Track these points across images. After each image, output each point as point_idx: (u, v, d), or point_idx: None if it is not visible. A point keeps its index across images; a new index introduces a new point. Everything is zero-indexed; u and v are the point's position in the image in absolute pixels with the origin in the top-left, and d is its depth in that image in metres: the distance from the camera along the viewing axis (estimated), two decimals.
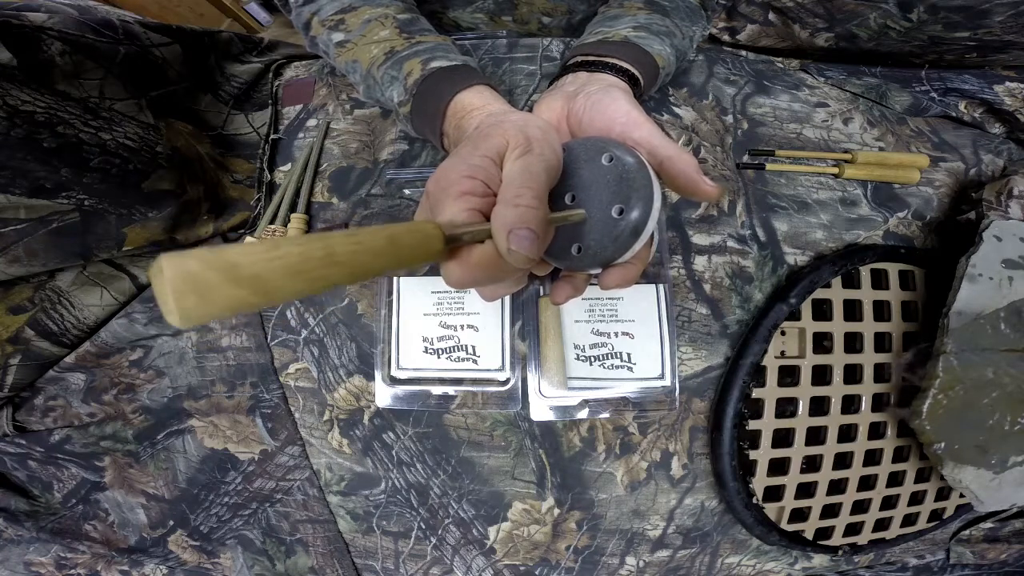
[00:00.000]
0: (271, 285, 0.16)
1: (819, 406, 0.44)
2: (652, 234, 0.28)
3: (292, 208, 0.47)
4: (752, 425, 0.43)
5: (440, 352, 0.43)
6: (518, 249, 0.22)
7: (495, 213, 0.24)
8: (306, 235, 0.18)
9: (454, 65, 0.37)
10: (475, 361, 0.43)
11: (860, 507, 0.46)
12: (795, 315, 0.44)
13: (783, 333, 0.44)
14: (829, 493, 0.44)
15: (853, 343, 0.45)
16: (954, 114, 0.50)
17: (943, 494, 0.47)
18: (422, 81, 0.36)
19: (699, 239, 0.46)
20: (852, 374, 0.45)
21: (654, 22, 0.41)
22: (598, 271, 0.30)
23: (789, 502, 0.44)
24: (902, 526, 0.47)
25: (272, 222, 0.46)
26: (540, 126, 0.29)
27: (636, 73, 0.37)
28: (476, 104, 0.35)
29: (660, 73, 0.40)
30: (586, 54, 0.38)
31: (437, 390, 0.43)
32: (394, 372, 0.43)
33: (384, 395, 0.43)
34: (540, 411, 0.43)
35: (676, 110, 0.48)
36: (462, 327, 0.43)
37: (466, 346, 0.43)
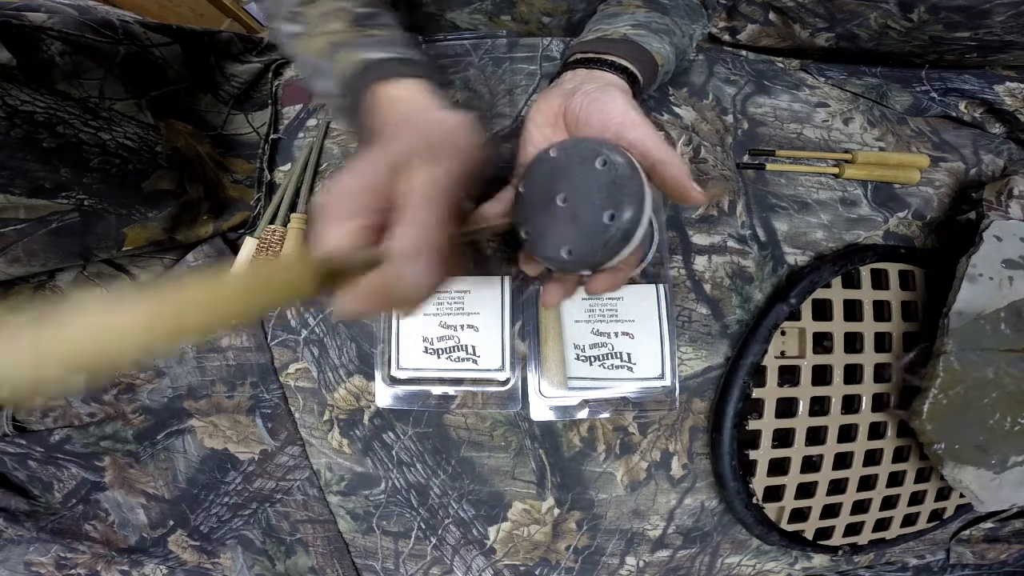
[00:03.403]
0: (113, 353, 0.16)
1: (819, 406, 0.44)
2: (647, 238, 0.28)
3: (292, 208, 0.47)
4: (752, 425, 0.43)
5: (440, 352, 0.43)
6: (415, 279, 0.20)
7: (393, 236, 0.21)
8: (150, 295, 0.17)
9: (393, 57, 0.34)
10: (475, 361, 0.43)
11: (860, 507, 0.46)
12: (795, 315, 0.44)
13: (783, 333, 0.44)
14: (829, 493, 0.44)
15: (853, 343, 0.45)
16: (954, 114, 0.50)
17: (943, 494, 0.47)
18: (356, 73, 0.34)
19: (699, 239, 0.46)
20: (852, 374, 0.45)
21: (653, 20, 0.41)
22: (588, 273, 0.30)
23: (789, 502, 0.44)
24: (902, 526, 0.47)
25: (272, 222, 0.46)
26: (453, 127, 0.26)
27: (635, 71, 0.37)
28: (401, 96, 0.31)
29: (659, 71, 0.40)
30: (585, 51, 0.38)
31: (437, 390, 0.43)
32: (394, 372, 0.43)
33: (384, 395, 0.43)
34: (540, 411, 0.43)
35: (676, 110, 0.48)
36: (462, 327, 0.43)
37: (466, 346, 0.43)
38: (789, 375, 0.44)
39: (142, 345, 0.16)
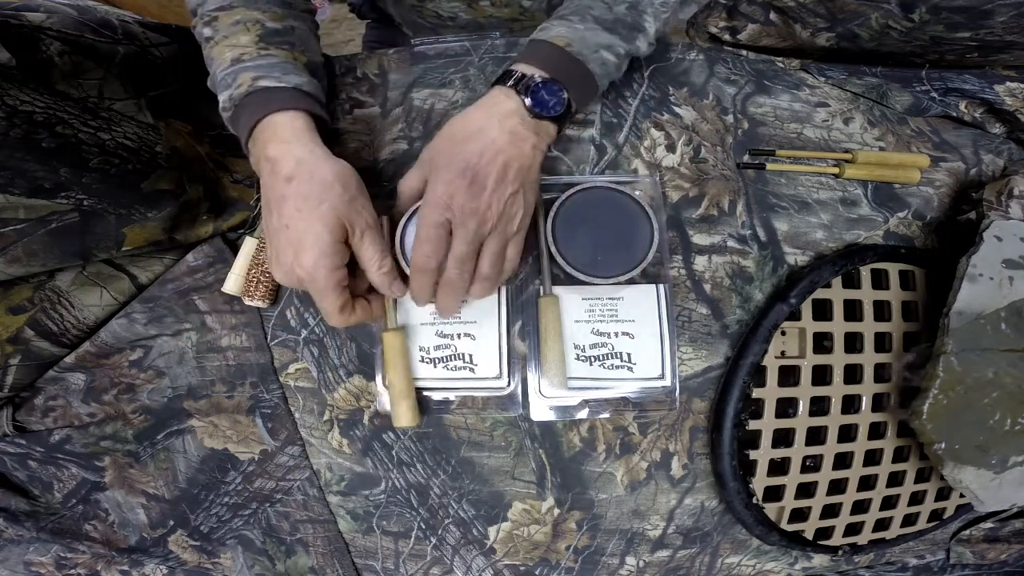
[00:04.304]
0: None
1: (819, 406, 0.44)
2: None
3: None
4: (752, 425, 0.43)
5: (436, 361, 0.43)
6: (396, 294, 0.39)
7: (374, 284, 0.38)
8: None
9: (280, 87, 0.38)
10: (472, 370, 0.43)
11: (860, 507, 0.46)
12: (795, 315, 0.44)
13: (783, 333, 0.44)
14: (829, 493, 0.45)
15: (853, 343, 0.45)
16: (954, 114, 0.50)
17: (943, 494, 0.48)
18: (245, 95, 0.37)
19: (699, 239, 0.46)
20: (852, 374, 0.45)
21: (568, 6, 0.41)
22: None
23: (789, 502, 0.44)
24: (902, 526, 0.47)
25: None
26: (342, 178, 0.36)
27: (517, 70, 0.38)
28: (283, 137, 0.36)
29: (571, 50, 0.38)
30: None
31: (437, 396, 0.43)
32: None
33: (384, 400, 0.43)
34: (540, 411, 0.43)
35: (676, 109, 0.48)
36: (459, 336, 0.43)
37: (463, 355, 0.43)
38: (789, 375, 0.44)
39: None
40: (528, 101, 0.37)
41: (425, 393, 0.43)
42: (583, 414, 0.43)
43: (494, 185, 0.35)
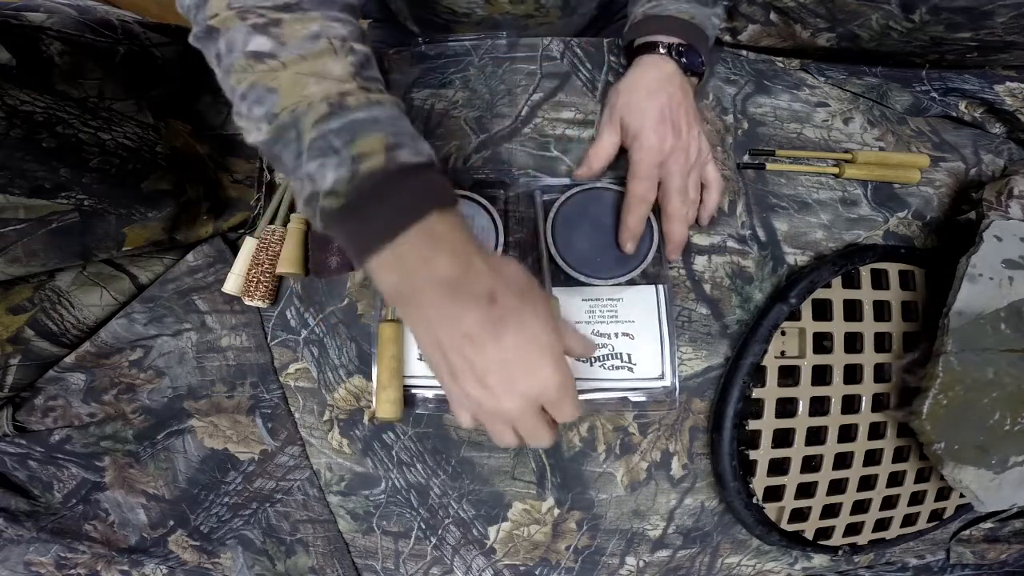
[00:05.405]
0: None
1: (819, 406, 0.44)
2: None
3: (291, 208, 0.47)
4: (752, 425, 0.43)
5: None
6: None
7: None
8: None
9: (421, 163, 0.27)
10: None
11: (860, 507, 0.46)
12: (795, 315, 0.44)
13: (783, 333, 0.44)
14: (829, 493, 0.44)
15: (853, 343, 0.45)
16: (954, 114, 0.50)
17: (943, 494, 0.48)
18: (383, 176, 0.26)
19: (699, 239, 0.46)
20: (852, 374, 0.45)
21: None
22: None
23: (789, 502, 0.44)
24: (902, 526, 0.47)
25: (272, 222, 0.46)
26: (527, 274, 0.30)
27: (660, 40, 0.42)
28: (453, 246, 0.27)
29: (695, 22, 0.43)
30: (627, 40, 0.45)
31: (430, 393, 0.43)
32: None
33: None
34: None
35: None
36: None
37: None
38: (789, 375, 0.44)
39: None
40: (684, 61, 0.42)
41: (420, 391, 0.43)
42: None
43: (686, 128, 0.41)
